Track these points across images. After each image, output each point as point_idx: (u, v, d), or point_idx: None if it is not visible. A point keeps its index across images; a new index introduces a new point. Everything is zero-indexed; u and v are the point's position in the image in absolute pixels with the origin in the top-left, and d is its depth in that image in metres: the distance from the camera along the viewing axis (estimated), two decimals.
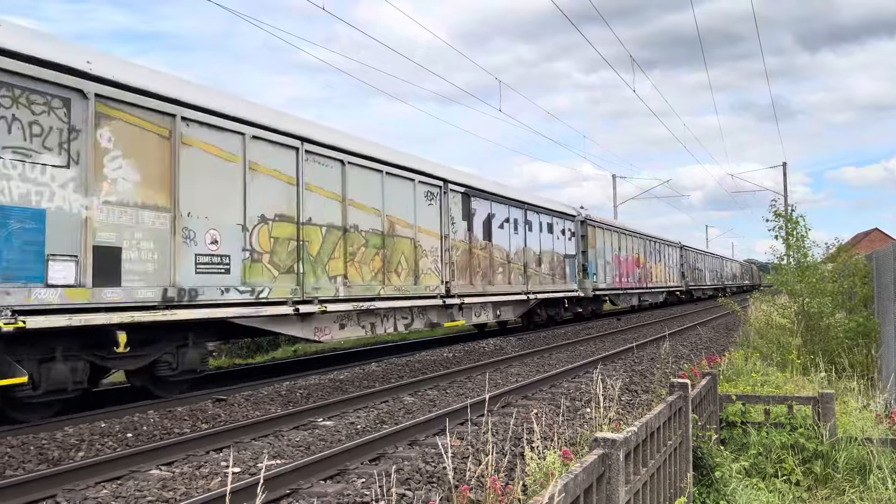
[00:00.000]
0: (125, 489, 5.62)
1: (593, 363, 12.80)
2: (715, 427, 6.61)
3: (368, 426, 7.99)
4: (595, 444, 3.48)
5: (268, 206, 10.82)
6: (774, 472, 6.35)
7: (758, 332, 15.55)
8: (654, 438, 4.37)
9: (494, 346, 16.79)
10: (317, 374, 12.00)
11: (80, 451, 6.85)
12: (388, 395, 9.91)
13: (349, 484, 5.69)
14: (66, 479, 5.73)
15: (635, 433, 3.92)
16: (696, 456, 5.61)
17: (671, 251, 41.12)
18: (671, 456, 4.81)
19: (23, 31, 7.99)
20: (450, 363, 13.62)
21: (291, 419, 8.16)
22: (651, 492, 4.23)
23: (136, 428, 7.78)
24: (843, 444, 6.40)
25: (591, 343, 17.46)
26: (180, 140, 9.36)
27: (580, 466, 3.18)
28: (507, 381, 11.03)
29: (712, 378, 6.83)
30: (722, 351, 14.38)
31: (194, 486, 5.70)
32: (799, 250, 14.39)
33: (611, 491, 3.42)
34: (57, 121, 7.90)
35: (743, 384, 9.11)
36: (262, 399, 9.63)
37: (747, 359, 11.35)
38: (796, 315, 14.00)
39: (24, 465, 6.32)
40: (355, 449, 6.50)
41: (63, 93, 7.98)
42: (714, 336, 19.18)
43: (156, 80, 9.29)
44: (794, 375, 10.66)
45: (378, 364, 13.28)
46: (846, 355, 11.42)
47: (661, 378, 11.16)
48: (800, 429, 6.65)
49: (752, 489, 5.74)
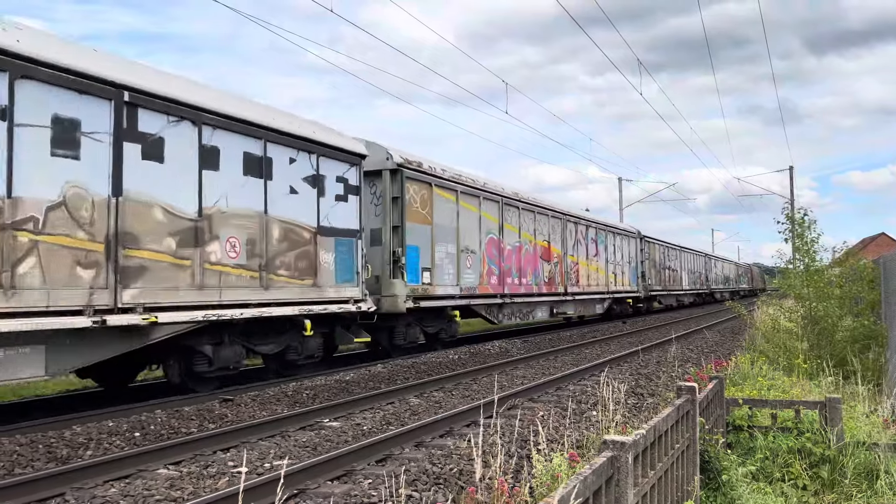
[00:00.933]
0: (133, 488, 5.65)
1: (599, 366, 12.83)
2: (722, 431, 6.60)
3: (374, 427, 8.00)
4: (604, 447, 3.49)
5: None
6: (781, 476, 6.34)
7: (764, 336, 15.51)
8: (662, 441, 4.38)
9: (500, 349, 16.80)
10: (323, 374, 12.02)
11: (89, 449, 6.88)
12: (393, 396, 9.93)
13: (356, 485, 5.70)
14: (74, 478, 5.76)
15: (644, 436, 3.93)
16: (703, 459, 5.61)
17: (622, 242, 30.58)
18: (678, 459, 4.82)
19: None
20: (455, 365, 13.63)
21: (298, 419, 8.19)
22: (659, 494, 4.23)
23: (144, 427, 7.82)
24: (850, 449, 6.39)
25: (596, 347, 17.47)
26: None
27: (589, 468, 3.19)
28: (513, 384, 11.03)
29: (719, 382, 6.83)
30: (728, 355, 14.35)
31: (202, 485, 5.72)
32: (807, 254, 14.36)
33: (619, 493, 3.43)
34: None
35: (749, 388, 9.10)
36: (269, 399, 9.65)
37: (753, 363, 11.33)
38: (803, 319, 13.98)
39: (32, 464, 6.35)
40: (362, 450, 6.52)
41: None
42: (720, 340, 19.16)
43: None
44: (801, 380, 10.64)
45: (384, 365, 13.30)
46: (854, 360, 11.40)
47: (668, 381, 11.15)
48: (807, 433, 6.64)
49: (758, 493, 5.74)
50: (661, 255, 36.92)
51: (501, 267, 18.81)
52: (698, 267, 46.50)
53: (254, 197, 10.56)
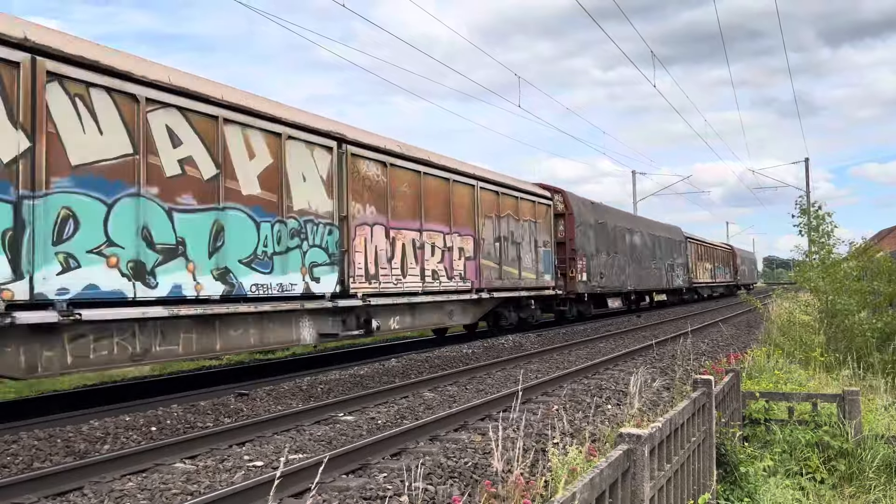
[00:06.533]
0: (150, 482, 5.68)
1: (612, 360, 12.80)
2: (738, 424, 6.56)
3: (389, 421, 8.01)
4: (620, 440, 3.47)
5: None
6: (799, 469, 6.30)
7: (780, 330, 15.41)
8: (678, 435, 4.35)
9: (514, 343, 16.78)
10: (337, 369, 12.06)
11: (106, 444, 6.94)
12: (407, 390, 9.94)
13: (371, 478, 5.71)
14: (92, 472, 5.80)
15: (659, 429, 3.90)
16: (720, 453, 5.57)
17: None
18: (695, 452, 4.79)
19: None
20: (469, 359, 13.62)
21: (313, 414, 8.21)
22: (675, 488, 4.21)
23: (160, 422, 7.87)
24: (868, 442, 6.33)
25: (611, 340, 17.42)
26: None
27: (605, 462, 3.17)
28: (527, 378, 11.01)
29: (735, 375, 6.79)
30: (744, 348, 14.26)
31: (218, 479, 5.75)
32: (823, 247, 14.24)
33: (636, 486, 3.41)
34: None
35: (766, 381, 9.03)
36: (284, 394, 9.69)
37: (769, 356, 11.25)
38: (820, 312, 13.86)
39: (51, 458, 6.41)
40: (377, 444, 6.53)
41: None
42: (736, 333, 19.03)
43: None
44: (818, 373, 10.56)
45: (398, 360, 13.32)
46: (873, 354, 11.29)
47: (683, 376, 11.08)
48: (824, 426, 6.59)
49: (777, 487, 5.70)
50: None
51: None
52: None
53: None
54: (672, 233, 36.68)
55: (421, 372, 11.93)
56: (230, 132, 9.74)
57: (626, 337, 18.44)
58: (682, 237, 38.27)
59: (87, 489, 5.51)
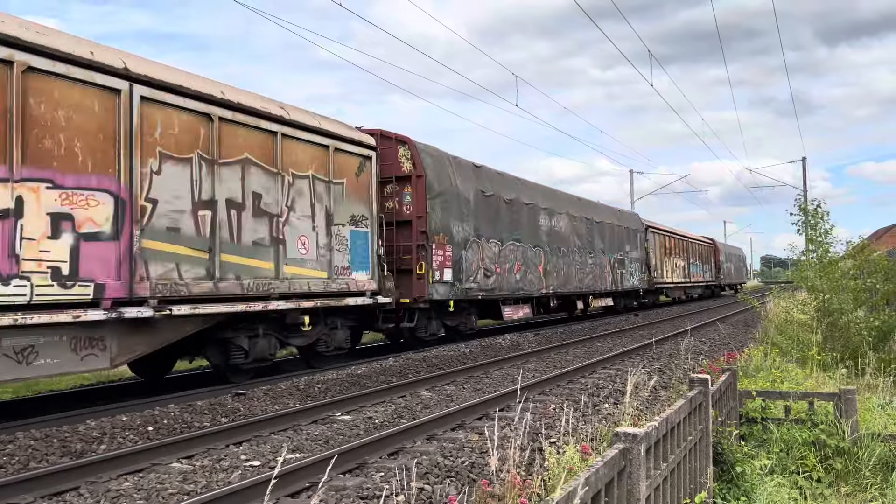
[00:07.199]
0: (147, 482, 5.68)
1: (610, 359, 12.81)
2: (735, 423, 6.57)
3: (386, 421, 8.01)
4: (616, 439, 3.47)
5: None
6: (796, 468, 6.30)
7: (777, 329, 15.42)
8: (675, 433, 4.36)
9: (511, 342, 16.79)
10: (334, 369, 12.05)
11: (102, 443, 6.93)
12: (405, 389, 9.94)
13: (368, 478, 5.71)
14: (89, 472, 5.80)
15: (656, 428, 3.91)
16: (717, 451, 5.58)
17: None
18: (691, 451, 4.79)
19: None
20: (466, 359, 13.62)
21: (310, 413, 8.21)
22: (671, 487, 4.21)
23: (157, 421, 7.86)
24: (865, 441, 6.34)
25: (609, 339, 17.42)
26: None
27: (601, 461, 3.17)
28: (525, 377, 11.01)
29: (732, 374, 6.79)
30: (741, 347, 14.28)
31: (215, 479, 5.75)
32: (820, 246, 14.24)
33: (632, 485, 3.42)
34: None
35: (762, 380, 9.05)
36: (281, 393, 9.69)
37: (766, 355, 11.26)
38: (816, 311, 13.88)
39: (47, 458, 6.40)
40: (374, 443, 6.53)
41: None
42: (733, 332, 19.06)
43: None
44: (814, 372, 10.57)
45: (395, 359, 13.32)
46: (870, 352, 11.31)
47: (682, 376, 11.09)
48: (821, 425, 6.60)
49: (773, 486, 5.70)
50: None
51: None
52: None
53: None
54: (624, 219, 28.91)
55: (418, 371, 11.93)
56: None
57: (624, 336, 18.46)
58: (640, 225, 30.77)
59: (84, 489, 5.51)
